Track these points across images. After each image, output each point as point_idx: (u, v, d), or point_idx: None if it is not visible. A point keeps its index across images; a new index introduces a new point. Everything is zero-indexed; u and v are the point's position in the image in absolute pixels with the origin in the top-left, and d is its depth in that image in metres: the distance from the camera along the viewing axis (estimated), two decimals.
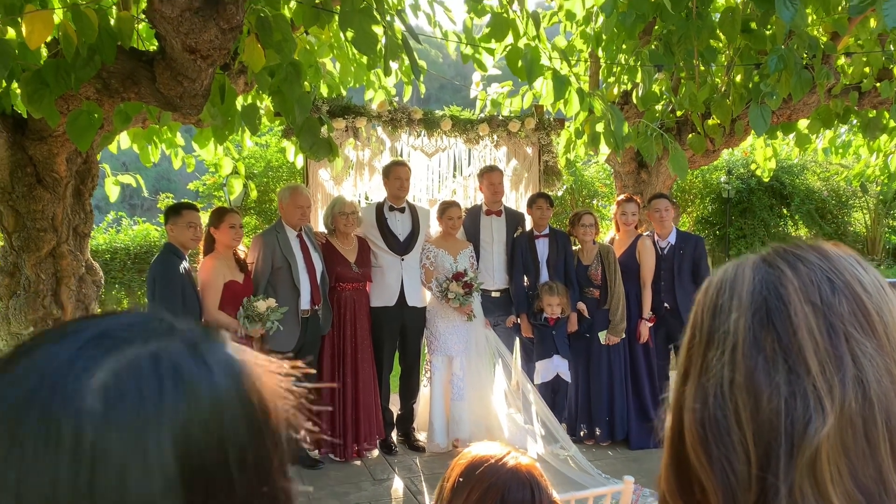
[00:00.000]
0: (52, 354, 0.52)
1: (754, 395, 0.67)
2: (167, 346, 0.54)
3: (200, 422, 0.52)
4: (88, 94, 4.14)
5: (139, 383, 0.51)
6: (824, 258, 0.73)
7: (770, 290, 0.71)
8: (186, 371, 0.53)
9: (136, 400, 0.50)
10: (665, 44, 5.09)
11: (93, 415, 0.49)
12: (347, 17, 3.17)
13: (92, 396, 0.49)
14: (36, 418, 0.48)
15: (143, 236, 10.26)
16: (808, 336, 0.67)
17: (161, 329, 0.56)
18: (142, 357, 0.52)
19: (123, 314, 0.57)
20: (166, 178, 37.16)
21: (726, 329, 0.71)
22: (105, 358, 0.51)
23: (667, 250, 5.65)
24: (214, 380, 0.54)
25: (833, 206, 16.94)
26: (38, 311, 5.17)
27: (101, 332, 0.54)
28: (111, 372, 0.51)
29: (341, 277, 5.18)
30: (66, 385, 0.49)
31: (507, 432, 5.44)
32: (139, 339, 0.54)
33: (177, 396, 0.51)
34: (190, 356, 0.54)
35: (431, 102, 31.47)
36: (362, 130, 5.99)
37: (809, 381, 0.66)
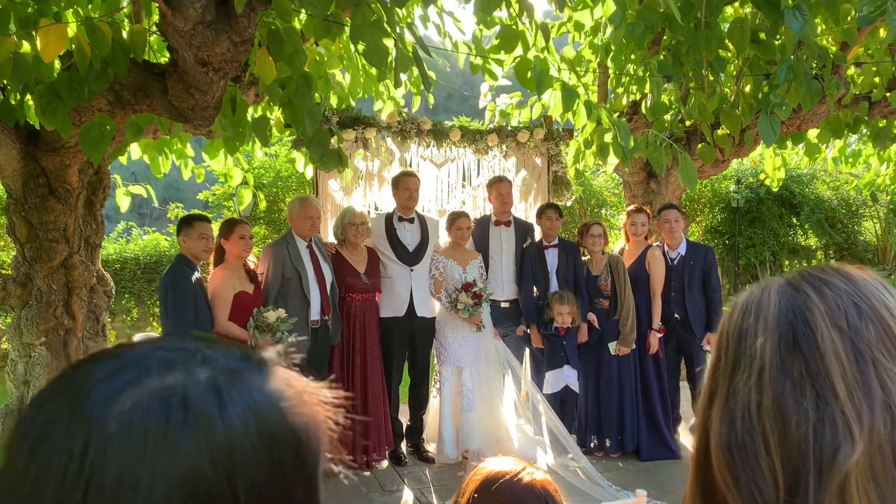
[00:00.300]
0: (87, 375, 0.54)
1: (782, 420, 0.67)
2: (188, 379, 0.54)
3: (208, 459, 0.51)
4: (101, 107, 4.17)
5: (147, 417, 0.51)
6: (850, 283, 0.72)
7: (796, 314, 0.71)
8: (198, 407, 0.53)
9: (141, 433, 0.51)
10: (674, 54, 5.09)
11: (103, 439, 0.50)
12: (358, 30, 3.19)
13: (111, 422, 0.51)
14: (56, 440, 0.50)
15: (153, 246, 10.29)
16: (836, 361, 0.67)
17: (189, 360, 0.56)
18: (157, 391, 0.53)
19: (164, 341, 0.58)
20: (175, 188, 37.33)
21: (753, 353, 0.71)
22: (127, 388, 0.52)
23: (677, 261, 5.63)
24: (229, 417, 0.53)
25: (843, 216, 16.86)
26: (49, 321, 5.19)
27: (131, 361, 0.55)
28: (132, 401, 0.52)
29: (351, 288, 5.19)
30: (91, 408, 0.51)
31: (517, 443, 5.42)
32: (163, 371, 0.54)
33: (183, 433, 0.51)
34: (209, 391, 0.54)
35: (439, 111, 31.51)
36: (372, 141, 6.01)
37: (837, 407, 0.66)
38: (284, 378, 0.59)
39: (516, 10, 4.20)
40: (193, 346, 0.58)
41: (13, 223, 5.23)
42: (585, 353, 5.58)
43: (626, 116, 6.55)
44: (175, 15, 3.28)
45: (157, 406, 0.52)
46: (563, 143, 6.48)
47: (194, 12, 3.27)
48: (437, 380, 5.57)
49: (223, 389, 0.54)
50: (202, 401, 0.53)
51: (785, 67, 4.67)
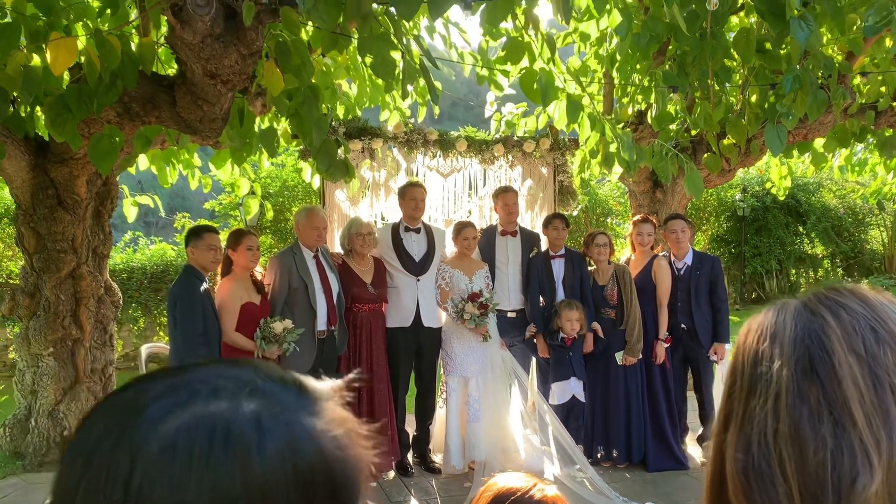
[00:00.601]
0: (139, 394, 0.56)
1: (800, 447, 0.67)
2: (233, 409, 0.55)
3: (242, 490, 0.52)
4: (110, 118, 4.20)
5: (190, 443, 0.52)
6: (867, 306, 0.72)
7: (813, 338, 0.70)
8: (238, 438, 0.53)
9: (185, 457, 0.52)
10: (679, 64, 5.10)
11: (148, 462, 0.51)
12: (366, 43, 3.21)
13: (156, 444, 0.52)
14: (104, 457, 0.52)
15: (160, 256, 10.32)
16: (854, 387, 0.67)
17: (238, 389, 0.57)
18: (202, 417, 0.54)
19: (221, 366, 0.59)
20: (181, 196, 37.38)
21: (769, 377, 0.70)
22: (176, 410, 0.54)
23: (683, 271, 5.63)
24: (266, 451, 0.54)
25: (850, 224, 16.80)
26: (57, 331, 5.22)
27: (183, 383, 0.56)
28: (176, 424, 0.53)
29: (357, 298, 5.20)
30: (139, 428, 0.53)
31: (524, 454, 5.41)
32: (210, 397, 0.55)
33: (221, 462, 0.52)
34: (251, 423, 0.54)
35: (444, 120, 31.55)
36: (378, 151, 6.03)
37: (856, 435, 0.65)
38: (333, 416, 0.59)
39: (522, 21, 4.21)
40: (247, 374, 0.59)
41: (22, 234, 5.26)
42: (592, 364, 5.57)
43: (632, 126, 6.56)
44: (184, 28, 3.31)
45: (201, 433, 0.53)
46: (569, 152, 6.49)
47: (203, 25, 3.30)
48: (443, 390, 5.57)
49: (265, 422, 0.55)
50: (243, 432, 0.54)
51: (791, 77, 4.67)
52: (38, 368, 5.33)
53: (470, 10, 3.65)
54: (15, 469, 5.28)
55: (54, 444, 5.30)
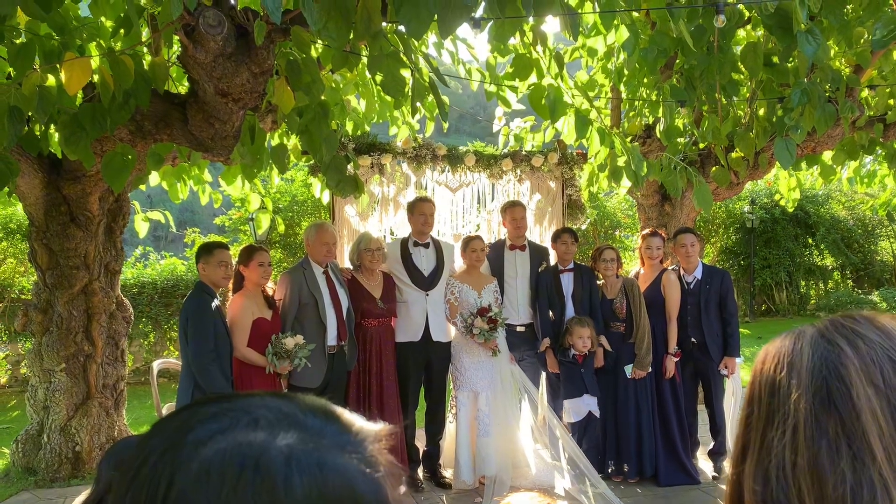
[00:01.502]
0: (191, 415, 0.58)
1: (819, 482, 0.66)
2: (268, 440, 0.56)
3: None
4: (122, 136, 4.25)
5: (224, 469, 0.54)
6: (884, 335, 0.71)
7: (830, 369, 0.70)
8: (268, 470, 0.54)
9: (217, 482, 0.53)
10: (687, 78, 5.13)
11: (187, 480, 0.53)
12: (376, 61, 3.24)
13: (196, 464, 0.54)
14: (151, 467, 0.54)
15: (170, 271, 10.38)
16: (873, 420, 0.66)
17: (278, 421, 0.57)
18: (239, 445, 0.55)
19: (267, 397, 0.60)
20: (190, 211, 37.61)
21: (787, 409, 0.70)
22: (217, 435, 0.55)
23: (693, 285, 5.62)
24: (293, 487, 0.54)
25: (859, 236, 16.74)
26: (69, 347, 5.25)
27: (231, 409, 0.58)
28: (215, 449, 0.54)
29: (367, 313, 5.21)
30: (183, 448, 0.55)
31: (535, 469, 5.40)
32: (250, 426, 0.56)
33: (248, 492, 0.53)
34: (281, 456, 0.55)
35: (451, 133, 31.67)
36: (387, 167, 6.06)
37: (875, 469, 0.65)
38: (373, 457, 0.59)
39: (530, 38, 4.25)
40: (289, 407, 0.59)
41: (35, 250, 5.31)
42: (602, 378, 5.55)
43: (640, 140, 6.58)
44: (196, 47, 3.35)
45: (234, 460, 0.54)
46: (577, 166, 6.50)
47: (215, 45, 3.34)
48: (453, 405, 5.56)
49: (296, 456, 0.55)
50: (272, 464, 0.54)
51: (799, 91, 4.68)
52: (50, 384, 5.36)
53: (478, 27, 3.69)
54: (27, 484, 5.30)
55: (66, 459, 5.32)
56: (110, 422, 5.51)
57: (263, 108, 4.89)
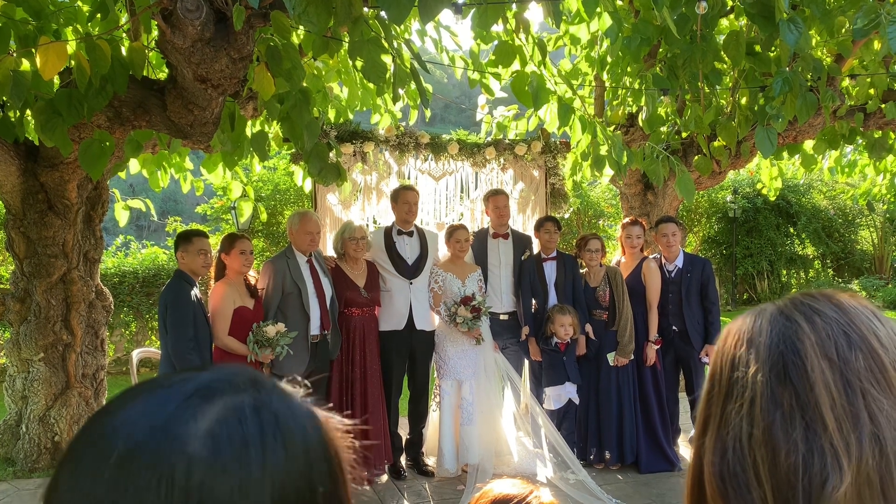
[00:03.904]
0: (155, 405, 0.56)
1: (772, 451, 0.68)
2: (262, 396, 0.58)
3: (296, 468, 0.56)
4: (100, 123, 4.19)
5: (243, 429, 0.55)
6: (841, 312, 0.73)
7: (787, 344, 0.71)
8: (283, 420, 0.57)
9: (240, 445, 0.54)
10: (669, 67, 5.12)
11: (201, 459, 0.52)
12: (357, 47, 3.21)
13: (199, 442, 0.53)
14: (147, 465, 0.52)
15: (152, 260, 10.28)
16: (825, 392, 0.68)
17: (249, 382, 0.59)
18: (245, 405, 0.56)
19: (211, 369, 0.61)
20: (173, 200, 37.33)
21: (745, 382, 0.72)
22: (208, 407, 0.55)
23: (674, 273, 5.64)
24: (306, 430, 0.58)
25: (840, 225, 16.91)
26: (48, 336, 5.19)
27: (200, 384, 0.58)
28: (215, 419, 0.55)
29: (350, 302, 5.19)
30: (175, 432, 0.53)
31: (517, 457, 5.42)
32: (236, 390, 0.58)
33: (276, 443, 0.55)
34: (286, 406, 0.58)
35: (436, 122, 31.60)
36: (370, 155, 6.03)
37: (826, 439, 0.66)
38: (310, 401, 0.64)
39: (513, 25, 4.23)
40: (239, 371, 0.61)
41: (12, 238, 5.23)
42: (584, 366, 5.58)
43: (623, 129, 6.58)
44: (174, 33, 3.30)
45: (250, 420, 0.55)
46: (561, 155, 6.50)
47: (193, 30, 3.29)
48: (436, 393, 5.57)
49: (294, 406, 0.59)
50: (283, 415, 0.57)
51: (780, 80, 4.70)
52: (28, 374, 5.30)
53: (461, 13, 3.66)
54: (6, 475, 5.25)
55: (45, 449, 5.28)
56: (90, 411, 5.46)
57: (244, 94, 4.84)
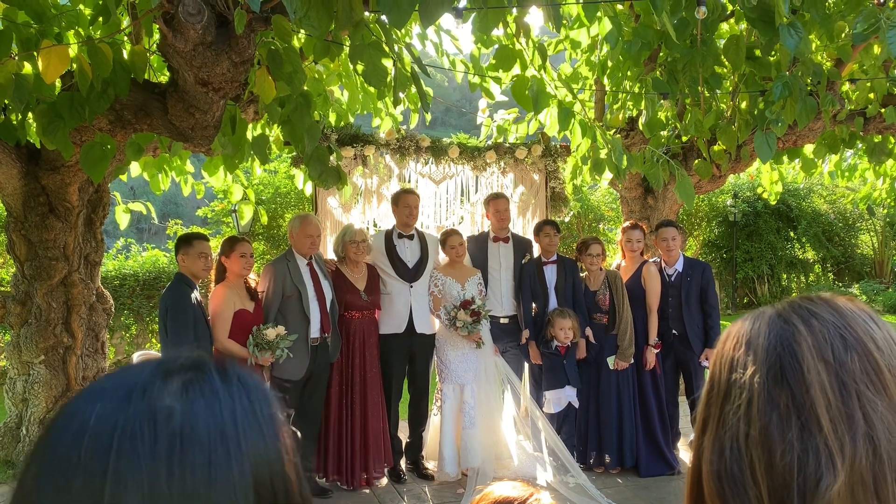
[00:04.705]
0: (127, 377, 0.61)
1: (768, 451, 0.69)
2: (231, 365, 0.64)
3: (265, 424, 0.62)
4: (101, 126, 4.19)
5: (212, 384, 0.61)
6: (837, 314, 0.74)
7: (784, 346, 0.72)
8: (245, 379, 0.63)
9: (210, 395, 0.60)
10: (669, 71, 5.13)
11: (178, 408, 0.58)
12: (358, 50, 3.22)
13: (174, 395, 0.58)
14: (128, 420, 0.57)
15: (152, 262, 10.29)
16: (821, 393, 0.69)
17: (209, 357, 0.65)
18: (210, 367, 0.62)
19: (176, 354, 0.66)
20: (174, 203, 37.33)
21: (742, 383, 0.73)
22: (177, 372, 0.61)
23: (674, 277, 5.65)
24: (269, 396, 0.64)
25: (840, 229, 16.89)
26: (49, 339, 5.20)
27: (165, 359, 0.63)
28: (185, 379, 0.60)
29: (351, 305, 5.19)
30: (152, 390, 0.59)
31: (517, 460, 5.42)
32: (199, 359, 0.64)
33: (242, 396, 0.61)
34: (246, 372, 0.64)
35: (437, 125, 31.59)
36: (371, 158, 6.03)
37: (821, 439, 0.67)
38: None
39: (513, 29, 4.24)
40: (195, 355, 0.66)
41: (13, 241, 5.24)
42: (584, 369, 5.58)
43: (623, 133, 6.59)
44: (176, 36, 3.31)
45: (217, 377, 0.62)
46: (561, 159, 6.51)
47: (195, 33, 3.30)
48: (437, 397, 5.56)
49: (251, 374, 0.66)
50: (244, 376, 0.64)
51: (780, 84, 4.70)
52: (29, 376, 5.30)
53: (461, 17, 3.68)
54: (6, 478, 5.25)
55: None
56: None
57: (245, 98, 4.85)
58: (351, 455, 5.16)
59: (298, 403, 5.04)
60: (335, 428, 5.18)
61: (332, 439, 5.19)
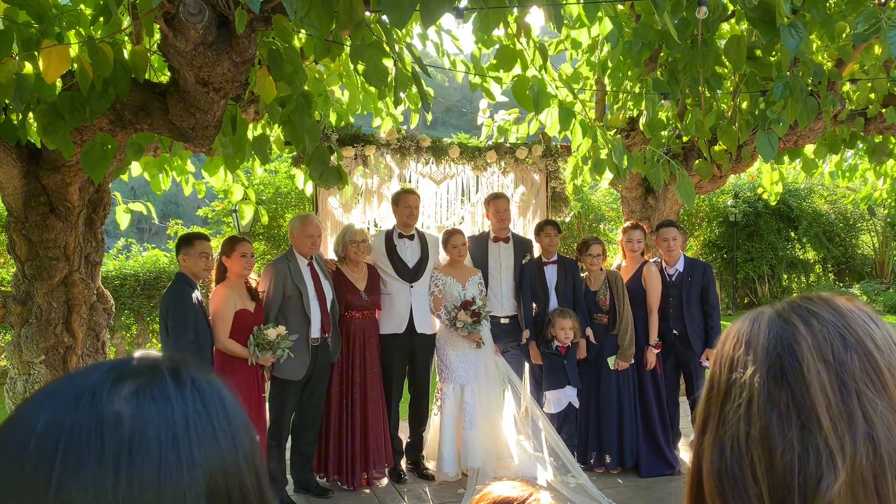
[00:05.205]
0: (78, 381, 0.60)
1: (769, 450, 0.69)
2: (186, 368, 0.62)
3: (220, 429, 0.60)
4: (102, 126, 4.19)
5: (165, 389, 0.59)
6: (837, 314, 0.74)
7: (784, 346, 0.73)
8: (203, 386, 0.61)
9: (162, 400, 0.58)
10: (670, 71, 5.13)
11: (128, 412, 0.56)
12: (358, 50, 3.22)
13: (125, 400, 0.57)
14: (73, 427, 0.55)
15: (153, 262, 10.30)
16: (821, 393, 0.69)
17: (175, 358, 0.64)
18: (164, 370, 0.61)
19: (129, 356, 0.65)
20: (174, 203, 37.32)
21: (742, 383, 0.73)
22: (129, 375, 0.60)
23: (675, 277, 5.64)
24: (226, 398, 0.62)
25: (841, 230, 16.89)
26: (49, 339, 5.19)
27: (118, 362, 0.62)
28: (137, 383, 0.59)
29: (351, 305, 5.20)
30: (101, 394, 0.57)
31: (517, 460, 5.42)
32: (160, 364, 0.62)
33: (195, 399, 0.60)
34: (204, 378, 0.63)
35: (437, 125, 31.61)
36: (371, 158, 6.03)
37: (822, 438, 0.68)
38: None
39: (514, 29, 4.23)
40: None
41: (13, 241, 5.23)
42: (584, 369, 5.58)
43: (624, 133, 6.59)
44: (176, 36, 3.31)
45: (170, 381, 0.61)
46: (561, 159, 6.51)
47: (195, 33, 3.30)
48: (438, 397, 5.56)
49: (210, 377, 0.64)
50: (200, 379, 0.62)
51: (781, 84, 4.70)
52: (29, 376, 5.30)
53: (462, 17, 3.67)
54: None
55: None
56: None
57: (246, 98, 4.84)
58: (351, 455, 5.16)
59: (299, 403, 5.04)
60: (336, 428, 5.18)
61: (332, 439, 5.19)
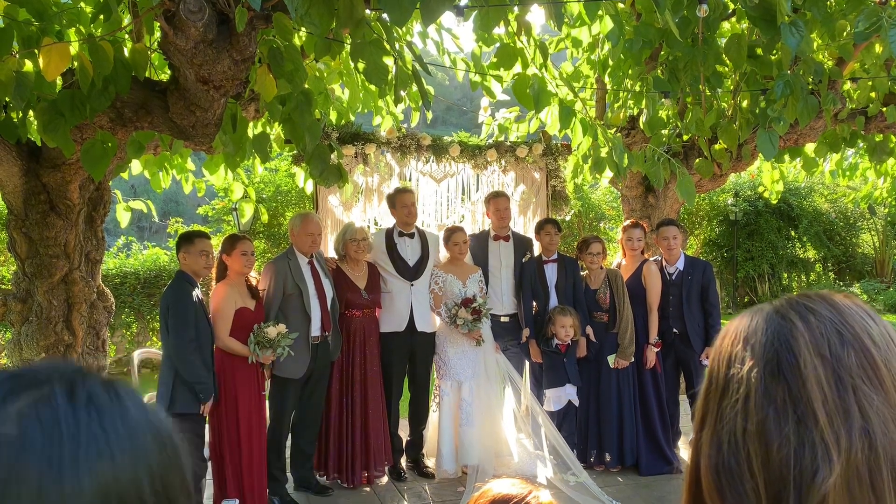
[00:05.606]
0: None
1: (765, 445, 0.70)
2: (83, 381, 0.58)
3: (118, 448, 0.55)
4: (102, 124, 4.19)
5: (56, 411, 0.54)
6: (835, 310, 0.75)
7: (781, 342, 0.73)
8: (102, 401, 0.56)
9: (51, 424, 0.53)
10: (671, 70, 5.13)
11: (9, 440, 0.52)
12: (358, 48, 3.22)
13: (9, 423, 0.52)
14: None
15: (153, 261, 10.30)
16: (817, 388, 0.70)
17: (74, 369, 0.59)
18: (58, 391, 0.56)
19: (37, 362, 0.62)
20: (174, 201, 37.32)
21: (740, 379, 0.74)
22: (21, 392, 0.55)
23: (675, 276, 5.64)
24: (129, 411, 0.57)
25: (841, 228, 16.89)
26: (49, 337, 5.19)
27: (15, 373, 0.58)
28: (27, 403, 0.54)
29: (351, 304, 5.20)
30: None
31: (517, 458, 5.42)
32: (54, 378, 0.57)
33: (91, 421, 0.54)
34: (104, 390, 0.58)
35: (438, 124, 31.60)
36: (371, 157, 6.03)
37: (818, 432, 0.68)
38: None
39: (514, 27, 4.23)
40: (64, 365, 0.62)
41: (14, 239, 5.23)
42: (584, 368, 5.58)
43: (624, 131, 6.58)
44: (176, 34, 3.31)
45: (61, 401, 0.55)
46: (562, 158, 6.51)
47: (195, 31, 3.30)
48: (436, 394, 5.57)
49: (119, 389, 0.59)
50: (99, 396, 0.57)
51: (782, 83, 4.70)
52: None
53: (462, 16, 3.67)
54: None
55: None
56: None
57: (246, 96, 4.84)
58: (351, 453, 5.17)
59: (299, 402, 5.05)
60: (336, 426, 5.18)
61: (332, 438, 5.19)
